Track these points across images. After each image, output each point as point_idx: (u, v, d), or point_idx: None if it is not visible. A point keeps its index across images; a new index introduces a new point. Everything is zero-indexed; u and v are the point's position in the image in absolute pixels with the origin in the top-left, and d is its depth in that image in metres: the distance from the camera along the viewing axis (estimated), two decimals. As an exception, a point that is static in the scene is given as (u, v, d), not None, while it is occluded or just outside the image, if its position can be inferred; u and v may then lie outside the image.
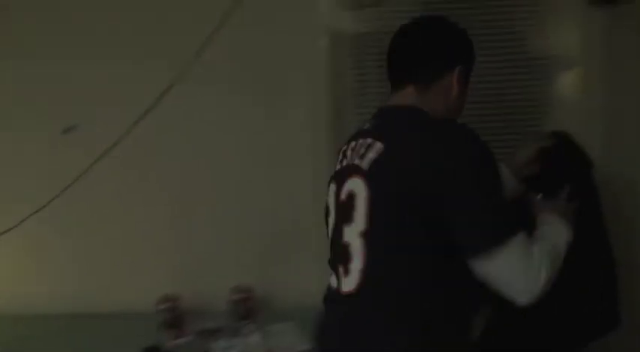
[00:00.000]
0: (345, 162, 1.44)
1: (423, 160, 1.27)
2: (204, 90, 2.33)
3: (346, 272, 1.36)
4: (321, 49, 2.32)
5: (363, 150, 1.38)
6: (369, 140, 1.37)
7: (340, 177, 1.43)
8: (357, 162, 1.37)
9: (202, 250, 2.43)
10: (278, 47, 2.31)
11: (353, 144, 1.44)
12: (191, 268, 2.42)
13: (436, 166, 1.25)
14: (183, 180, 2.41)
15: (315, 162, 2.27)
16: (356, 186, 1.35)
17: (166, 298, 2.27)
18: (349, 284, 1.35)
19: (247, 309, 2.29)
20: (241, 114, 2.36)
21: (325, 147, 2.28)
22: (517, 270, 1.27)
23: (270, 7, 2.29)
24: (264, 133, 2.38)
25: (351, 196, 1.36)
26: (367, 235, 1.32)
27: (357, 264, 1.33)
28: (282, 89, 2.34)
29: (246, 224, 2.39)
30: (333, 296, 1.44)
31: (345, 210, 1.37)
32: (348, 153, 1.44)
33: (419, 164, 1.27)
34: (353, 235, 1.34)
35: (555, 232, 1.43)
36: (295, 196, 2.35)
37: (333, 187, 1.47)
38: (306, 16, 2.29)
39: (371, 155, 1.34)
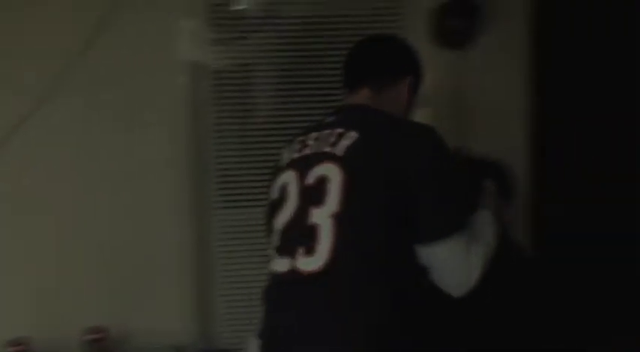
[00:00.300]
0: (307, 151, 1.48)
1: (397, 149, 1.38)
2: (62, 118, 2.28)
3: (310, 252, 1.38)
4: (181, 84, 2.33)
5: (333, 139, 1.44)
6: (340, 130, 1.44)
7: (304, 164, 1.46)
8: (327, 149, 1.43)
9: (54, 287, 2.30)
10: (138, 80, 2.31)
11: (315, 134, 1.50)
12: (42, 308, 2.29)
13: (409, 155, 1.38)
14: (32, 213, 2.29)
15: (174, 196, 2.25)
16: (328, 170, 1.40)
17: (16, 341, 2.17)
18: (314, 263, 1.37)
19: (101, 350, 2.21)
20: (101, 145, 2.33)
21: (185, 181, 2.25)
22: (460, 261, 1.40)
23: (131, 42, 2.28)
24: (124, 164, 2.34)
25: (323, 180, 1.40)
26: (340, 216, 1.36)
27: (325, 244, 1.36)
28: (142, 122, 2.33)
29: (100, 259, 2.32)
30: (288, 278, 1.43)
31: (314, 194, 1.41)
32: (311, 142, 1.49)
33: (393, 152, 1.38)
34: (323, 216, 1.38)
35: (492, 234, 1.52)
36: (154, 231, 2.30)
37: (292, 174, 1.48)
38: (168, 50, 2.30)
39: (345, 142, 1.41)
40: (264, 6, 2.37)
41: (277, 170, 1.56)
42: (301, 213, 1.42)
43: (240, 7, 2.36)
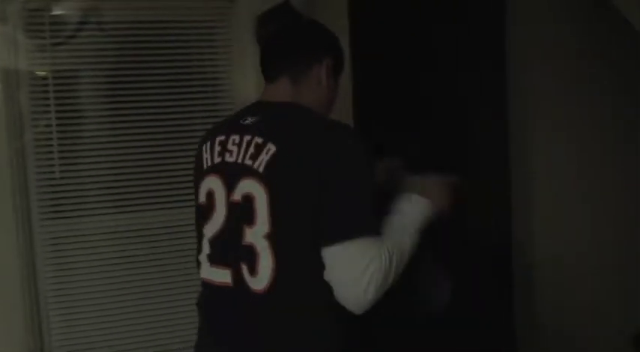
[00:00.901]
0: (229, 158, 1.42)
1: (314, 155, 1.32)
2: None
3: (253, 271, 1.36)
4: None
5: (253, 150, 1.38)
6: (259, 139, 1.38)
7: (228, 174, 1.42)
8: (248, 162, 1.38)
9: None
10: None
11: (235, 137, 1.43)
12: None
13: (325, 159, 1.32)
14: None
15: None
16: (253, 188, 1.36)
17: None
18: (259, 283, 1.36)
19: None
20: None
21: (7, 191, 2.22)
22: (358, 271, 1.30)
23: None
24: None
25: (249, 198, 1.37)
26: (273, 237, 1.34)
27: (267, 263, 1.34)
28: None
29: None
30: (232, 292, 1.41)
31: (242, 212, 1.38)
32: (231, 147, 1.43)
33: (311, 160, 1.32)
34: (258, 237, 1.35)
35: (405, 239, 1.42)
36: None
37: (217, 182, 1.44)
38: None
39: (264, 157, 1.36)
40: (84, 11, 2.30)
41: (198, 168, 1.52)
42: (233, 229, 1.39)
43: (59, 13, 2.29)
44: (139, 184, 2.41)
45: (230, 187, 1.41)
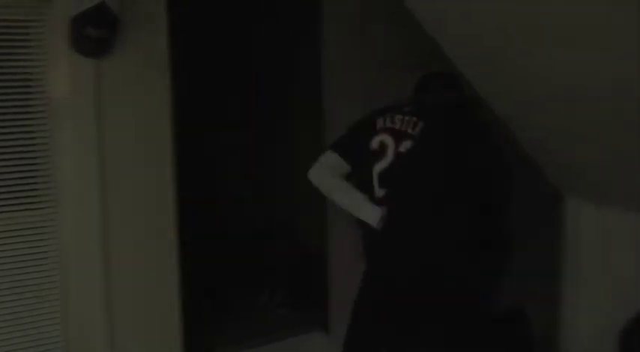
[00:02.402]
0: (397, 126, 2.23)
1: None
2: None
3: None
4: None
5: (412, 124, 2.21)
6: (414, 118, 2.22)
7: (397, 135, 2.21)
8: (410, 131, 2.20)
9: None
10: None
11: (399, 116, 2.24)
12: None
13: None
14: None
15: None
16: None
17: None
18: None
19: None
20: None
21: None
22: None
23: None
24: None
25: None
26: None
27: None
28: None
29: None
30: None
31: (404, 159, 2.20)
32: (397, 120, 2.24)
33: None
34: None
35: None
36: None
37: (389, 138, 2.22)
38: None
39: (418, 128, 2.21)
40: None
41: (372, 126, 2.26)
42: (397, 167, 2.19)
43: None
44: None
45: (398, 143, 2.19)
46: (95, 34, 2.31)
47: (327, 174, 2.29)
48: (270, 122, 3.89)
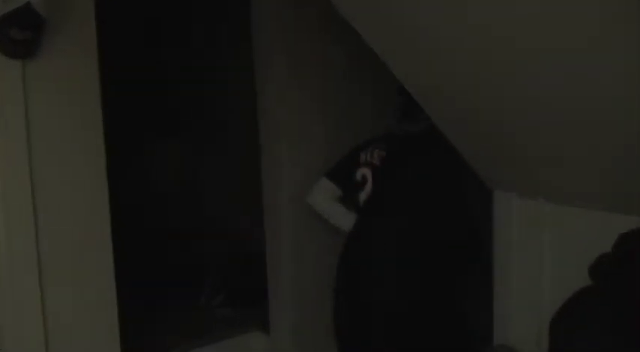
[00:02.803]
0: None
1: None
2: None
3: None
4: None
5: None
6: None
7: None
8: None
9: None
10: None
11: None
12: None
13: None
14: None
15: None
16: None
17: None
18: None
19: None
20: None
21: None
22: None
23: None
24: None
25: None
26: None
27: None
28: None
29: None
30: None
31: None
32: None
33: None
34: None
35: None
36: None
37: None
38: None
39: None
40: None
41: (357, 159, 2.52)
42: None
43: None
44: None
45: None
46: (20, 36, 2.26)
47: (322, 199, 2.55)
48: (206, 124, 3.88)
